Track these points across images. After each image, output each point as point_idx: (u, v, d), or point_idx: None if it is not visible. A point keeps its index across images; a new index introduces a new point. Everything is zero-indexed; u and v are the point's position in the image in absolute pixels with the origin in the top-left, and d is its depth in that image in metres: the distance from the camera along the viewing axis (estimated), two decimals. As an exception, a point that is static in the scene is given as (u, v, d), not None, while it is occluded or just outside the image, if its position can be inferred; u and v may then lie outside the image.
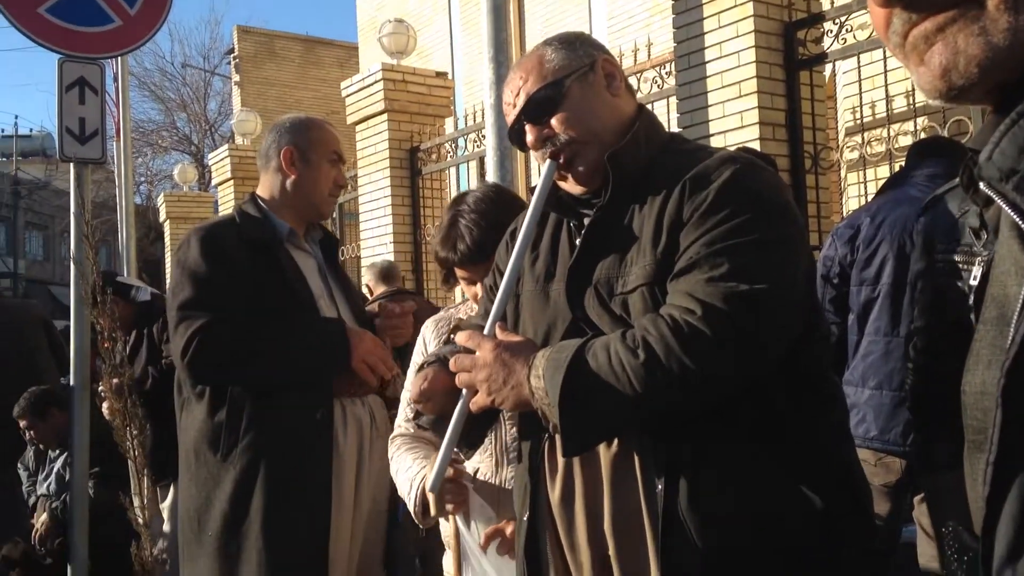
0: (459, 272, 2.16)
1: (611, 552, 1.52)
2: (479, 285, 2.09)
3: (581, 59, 1.63)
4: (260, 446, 2.44)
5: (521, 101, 1.63)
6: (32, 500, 5.04)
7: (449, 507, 1.98)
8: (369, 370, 2.54)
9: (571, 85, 1.60)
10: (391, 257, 7.22)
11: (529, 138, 1.63)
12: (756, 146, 4.35)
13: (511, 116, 1.66)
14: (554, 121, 1.60)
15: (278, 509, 2.43)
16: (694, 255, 1.42)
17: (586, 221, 1.62)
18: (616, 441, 1.51)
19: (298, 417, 2.47)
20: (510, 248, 1.71)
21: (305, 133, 2.68)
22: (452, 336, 1.87)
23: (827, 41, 4.40)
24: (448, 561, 2.26)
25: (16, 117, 65.49)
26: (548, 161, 1.61)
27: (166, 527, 4.44)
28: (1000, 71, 0.73)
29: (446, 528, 2.24)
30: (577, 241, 1.62)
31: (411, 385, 1.67)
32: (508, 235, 1.84)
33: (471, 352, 1.56)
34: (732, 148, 2.54)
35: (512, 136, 1.68)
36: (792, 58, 4.49)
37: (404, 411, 2.28)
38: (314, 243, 2.75)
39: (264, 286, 2.50)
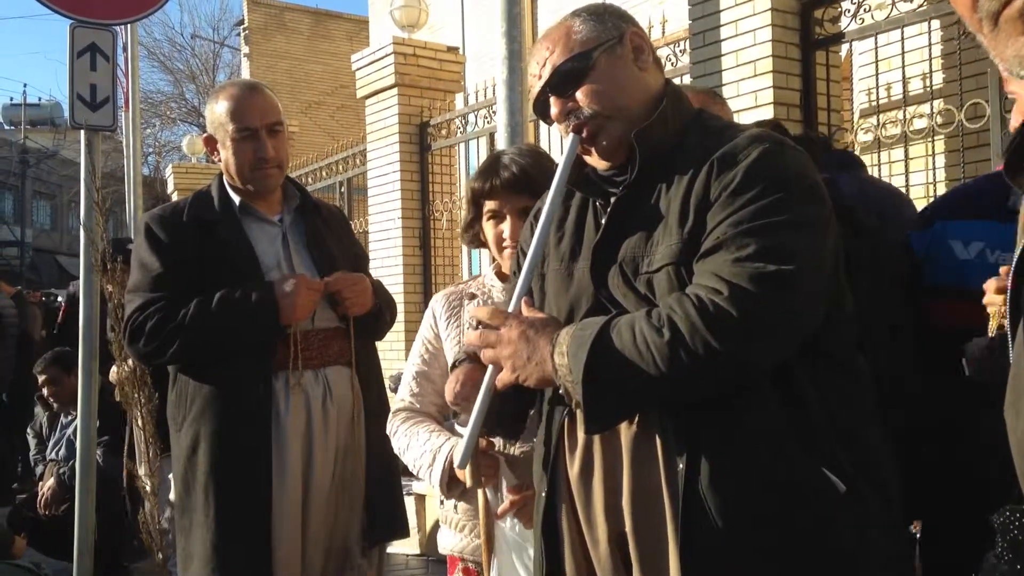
0: (490, 204, 2.11)
1: (628, 528, 1.51)
2: (505, 223, 2.08)
3: (609, 31, 1.61)
4: (200, 421, 2.50)
5: (547, 73, 1.61)
6: (40, 468, 5.06)
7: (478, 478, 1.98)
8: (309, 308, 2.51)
9: (598, 58, 1.58)
10: (399, 233, 7.21)
11: (553, 111, 1.61)
12: (770, 126, 4.31)
13: (536, 87, 1.64)
14: (579, 94, 1.58)
15: (217, 484, 2.47)
16: (721, 235, 1.41)
17: (612, 199, 1.60)
18: (637, 418, 1.50)
19: (233, 390, 2.49)
20: (534, 228, 1.69)
21: (210, 117, 2.66)
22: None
23: (844, 21, 4.35)
24: (446, 535, 2.26)
25: (25, 85, 65.41)
26: (571, 135, 1.59)
27: (172, 495, 4.45)
28: None
29: (447, 505, 2.24)
30: (603, 220, 1.60)
31: (446, 387, 1.71)
32: (532, 216, 1.82)
33: (496, 329, 1.55)
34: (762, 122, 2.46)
35: (536, 108, 1.66)
36: (808, 37, 4.44)
37: (408, 385, 2.27)
38: (289, 212, 2.70)
39: (207, 263, 2.53)
